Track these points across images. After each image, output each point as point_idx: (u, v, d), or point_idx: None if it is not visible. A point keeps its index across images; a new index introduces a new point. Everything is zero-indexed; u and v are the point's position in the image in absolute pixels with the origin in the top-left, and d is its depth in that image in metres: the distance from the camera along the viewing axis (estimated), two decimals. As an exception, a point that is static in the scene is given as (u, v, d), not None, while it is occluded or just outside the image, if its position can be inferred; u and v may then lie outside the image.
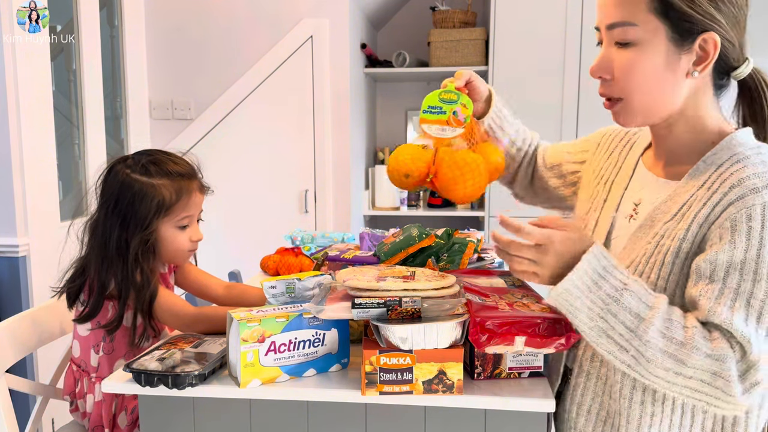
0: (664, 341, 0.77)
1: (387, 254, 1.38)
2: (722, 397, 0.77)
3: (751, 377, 0.75)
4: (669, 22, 0.83)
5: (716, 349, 0.76)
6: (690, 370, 0.77)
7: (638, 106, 0.89)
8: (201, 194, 1.28)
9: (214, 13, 2.92)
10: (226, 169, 2.94)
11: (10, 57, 2.02)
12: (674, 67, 0.85)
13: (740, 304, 0.77)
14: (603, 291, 0.79)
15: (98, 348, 1.27)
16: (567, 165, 1.17)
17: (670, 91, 0.87)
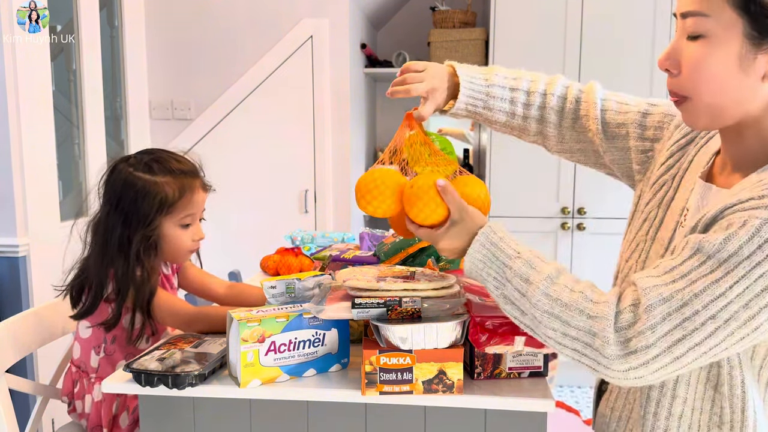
0: (549, 303, 0.78)
1: (387, 254, 1.38)
2: (599, 359, 0.76)
3: (633, 344, 0.73)
4: (748, 17, 0.73)
5: (597, 311, 0.76)
6: (573, 331, 0.77)
7: (704, 107, 0.80)
8: (203, 192, 1.28)
9: (214, 13, 2.92)
10: (226, 169, 2.94)
11: (10, 57, 2.02)
12: (749, 67, 0.75)
13: (677, 285, 0.74)
14: (499, 260, 0.83)
15: (99, 349, 1.27)
16: (635, 141, 1.01)
17: (742, 94, 0.77)
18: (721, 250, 0.72)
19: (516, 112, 1.07)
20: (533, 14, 2.95)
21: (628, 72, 2.84)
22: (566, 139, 1.08)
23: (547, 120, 1.07)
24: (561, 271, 0.82)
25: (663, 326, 0.72)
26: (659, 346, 0.72)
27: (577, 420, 2.21)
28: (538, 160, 2.95)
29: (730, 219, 0.74)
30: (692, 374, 0.82)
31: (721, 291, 0.71)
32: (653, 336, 0.72)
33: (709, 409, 0.83)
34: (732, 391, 0.80)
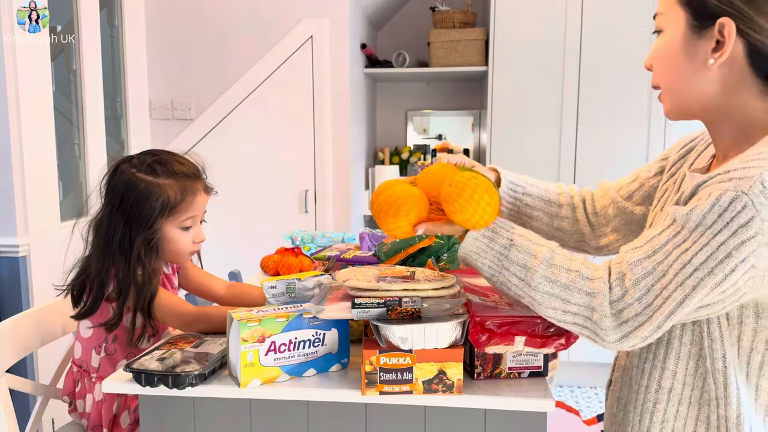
0: (549, 285, 0.84)
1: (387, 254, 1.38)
2: (597, 331, 0.82)
3: (624, 315, 0.80)
4: (689, 9, 0.84)
5: (593, 288, 0.82)
6: (574, 307, 0.83)
7: (669, 94, 0.89)
8: (205, 195, 1.28)
9: (215, 13, 2.93)
10: (227, 169, 2.94)
11: (10, 57, 2.03)
12: (692, 53, 0.84)
13: (654, 257, 0.79)
14: (495, 250, 0.88)
15: (100, 349, 1.27)
16: (649, 181, 1.08)
17: (691, 78, 0.85)
18: (689, 220, 0.77)
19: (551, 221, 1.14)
20: (533, 14, 2.95)
21: (628, 72, 2.84)
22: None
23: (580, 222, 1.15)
24: (555, 252, 0.87)
25: (647, 297, 0.79)
26: (645, 314, 0.79)
27: (576, 420, 2.21)
28: (538, 161, 2.95)
29: (700, 193, 0.79)
30: (682, 348, 0.87)
31: (688, 259, 0.76)
32: (639, 305, 0.79)
33: (700, 386, 0.86)
34: (714, 365, 0.84)
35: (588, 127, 2.91)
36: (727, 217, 0.74)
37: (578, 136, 2.94)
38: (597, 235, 1.13)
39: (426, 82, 3.59)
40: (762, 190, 0.73)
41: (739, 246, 0.74)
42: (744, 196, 0.74)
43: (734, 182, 0.75)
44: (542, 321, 0.95)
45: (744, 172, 0.75)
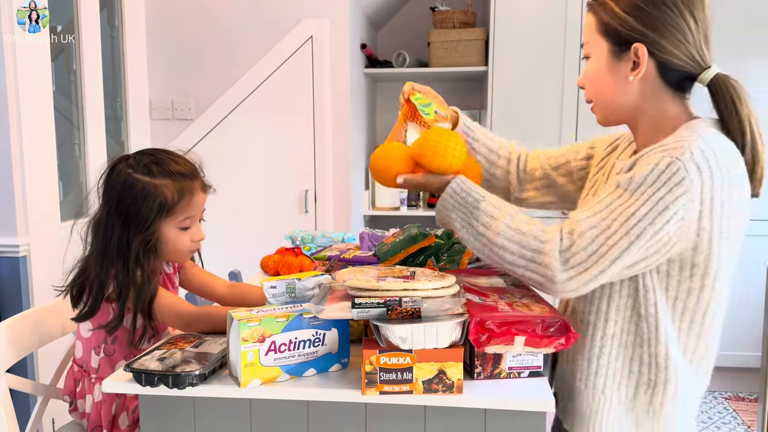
0: (510, 232, 0.99)
1: (387, 254, 1.38)
2: (546, 273, 0.96)
3: (572, 261, 0.94)
4: (608, 38, 1.05)
5: (546, 237, 0.97)
6: (529, 252, 0.97)
7: (601, 104, 1.10)
8: (203, 194, 1.28)
9: (214, 13, 2.93)
10: (227, 169, 2.94)
11: (10, 57, 2.03)
12: (615, 73, 1.05)
13: (600, 214, 0.95)
14: (468, 204, 1.03)
15: (99, 349, 1.27)
16: (574, 162, 1.29)
17: (617, 92, 1.07)
18: (632, 182, 0.95)
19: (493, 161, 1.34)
20: (533, 14, 2.95)
21: (628, 72, 2.84)
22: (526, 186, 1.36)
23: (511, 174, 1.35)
24: (518, 211, 1.04)
25: (591, 246, 0.94)
26: (589, 261, 0.94)
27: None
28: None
29: (638, 164, 0.98)
30: (620, 299, 1.03)
31: (632, 212, 0.93)
32: (584, 253, 0.94)
33: (634, 331, 1.03)
34: (647, 311, 1.01)
35: (588, 126, 2.91)
36: (665, 177, 0.92)
37: (578, 136, 2.94)
38: (521, 189, 1.34)
39: (426, 82, 3.58)
40: (690, 156, 0.92)
41: (674, 200, 0.91)
42: (678, 161, 0.92)
43: (669, 151, 0.94)
44: (542, 321, 0.95)
45: (676, 144, 0.95)
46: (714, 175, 0.93)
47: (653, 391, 1.03)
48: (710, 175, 0.92)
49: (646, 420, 1.04)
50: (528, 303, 1.04)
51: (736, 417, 2.83)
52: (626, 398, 1.05)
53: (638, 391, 1.04)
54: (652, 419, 1.04)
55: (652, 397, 1.03)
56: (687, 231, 0.93)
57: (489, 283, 1.17)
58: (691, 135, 0.96)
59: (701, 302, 1.00)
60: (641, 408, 1.04)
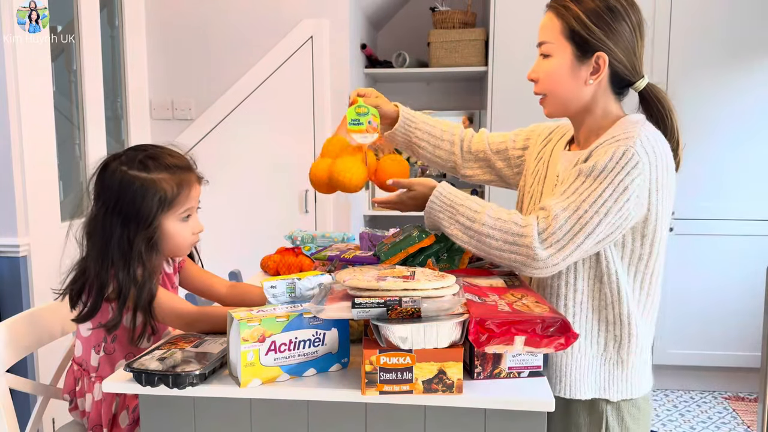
0: (493, 221, 1.12)
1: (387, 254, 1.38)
2: (528, 253, 1.09)
3: (550, 240, 1.08)
4: (574, 43, 1.18)
5: (525, 222, 1.10)
6: (511, 237, 1.10)
7: (555, 100, 1.25)
8: (199, 185, 1.28)
9: (215, 13, 2.93)
10: (227, 169, 2.94)
11: (10, 57, 2.03)
12: (576, 75, 1.20)
13: (569, 199, 1.10)
14: (454, 203, 1.17)
15: (99, 348, 1.27)
16: (512, 151, 1.47)
17: (574, 92, 1.21)
18: (594, 170, 1.10)
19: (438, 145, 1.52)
20: (533, 14, 2.94)
21: (628, 72, 2.84)
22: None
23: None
24: (497, 206, 1.16)
25: (565, 226, 1.08)
26: (565, 239, 1.09)
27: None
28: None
29: (596, 153, 1.15)
30: (585, 271, 1.17)
31: (598, 194, 1.08)
32: (561, 233, 1.08)
33: (597, 297, 1.18)
34: (609, 278, 1.16)
35: (588, 127, 2.91)
36: (622, 163, 1.08)
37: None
38: (465, 166, 1.51)
39: (426, 82, 3.59)
40: (640, 144, 1.10)
41: (632, 181, 1.08)
42: (631, 148, 1.09)
43: (622, 141, 1.11)
44: (542, 321, 0.95)
45: (627, 134, 1.12)
46: (658, 158, 1.11)
47: (619, 344, 1.19)
48: (655, 158, 1.10)
49: (615, 370, 1.19)
50: (528, 303, 1.04)
51: (736, 417, 2.83)
52: (597, 353, 1.19)
53: (607, 346, 1.19)
54: (621, 368, 1.19)
55: (619, 350, 1.19)
56: (641, 206, 1.10)
57: (489, 283, 1.17)
58: (635, 127, 1.14)
59: (649, 265, 1.17)
60: (611, 360, 1.19)
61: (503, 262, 1.13)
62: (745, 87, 2.89)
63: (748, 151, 2.91)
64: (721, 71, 2.88)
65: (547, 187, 1.30)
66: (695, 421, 2.80)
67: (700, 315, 3.03)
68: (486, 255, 1.15)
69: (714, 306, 2.99)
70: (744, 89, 2.89)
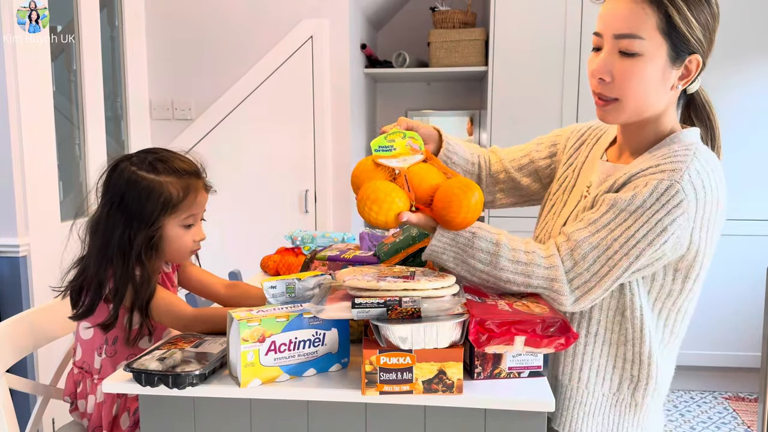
0: (513, 265, 1.01)
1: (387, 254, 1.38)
2: (556, 297, 1.01)
3: (576, 282, 1.00)
4: (670, 41, 0.98)
5: (549, 263, 1.01)
6: (535, 281, 1.01)
7: (631, 107, 1.04)
8: (206, 193, 1.28)
9: (214, 13, 2.93)
10: (227, 169, 2.94)
11: (10, 57, 2.03)
12: (666, 79, 1.01)
13: (599, 234, 0.99)
14: (460, 243, 1.02)
15: (101, 350, 1.27)
16: (539, 162, 1.31)
17: (658, 98, 1.03)
18: (630, 204, 0.98)
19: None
20: (533, 14, 2.95)
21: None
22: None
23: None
24: (508, 237, 1.04)
25: (593, 267, 0.99)
26: (592, 281, 1.00)
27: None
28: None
29: (635, 182, 1.00)
30: (604, 301, 1.06)
31: (632, 233, 0.97)
32: (587, 274, 1.00)
33: (617, 330, 1.07)
34: (633, 313, 1.05)
35: (588, 127, 2.91)
36: (664, 200, 0.96)
37: (578, 136, 2.94)
38: (488, 192, 1.34)
39: (426, 82, 3.59)
40: (689, 179, 0.96)
41: (672, 222, 0.96)
42: (677, 184, 0.96)
43: (667, 173, 0.97)
44: (542, 321, 0.95)
45: (673, 166, 0.98)
46: (707, 194, 0.98)
47: (635, 385, 1.08)
48: (704, 195, 0.97)
49: (627, 413, 1.09)
50: (528, 303, 1.04)
51: (736, 417, 2.83)
52: (610, 392, 1.09)
53: (621, 386, 1.09)
54: (634, 412, 1.09)
55: (635, 391, 1.08)
56: (680, 246, 0.99)
57: (489, 283, 1.17)
58: (686, 156, 0.99)
59: (677, 302, 1.06)
60: (624, 402, 1.09)
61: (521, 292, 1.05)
62: (744, 87, 2.89)
63: (747, 151, 2.91)
64: (721, 72, 2.88)
65: (574, 197, 1.17)
66: (695, 421, 2.80)
67: (700, 315, 3.02)
68: (502, 291, 1.05)
69: (714, 306, 2.99)
70: (744, 90, 2.89)
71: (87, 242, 1.25)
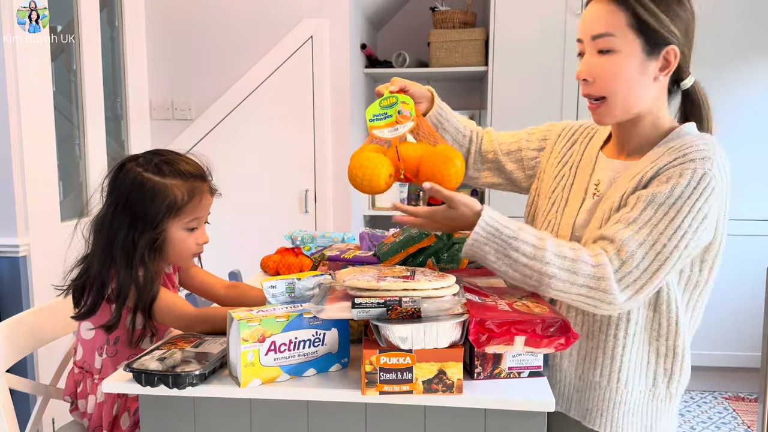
0: (559, 260, 1.00)
1: (387, 254, 1.38)
2: (604, 297, 1.00)
3: (626, 280, 0.99)
4: (642, 35, 1.04)
5: (597, 261, 1.00)
6: (581, 278, 0.99)
7: (618, 103, 1.08)
8: (210, 197, 1.28)
9: (214, 13, 2.93)
10: (227, 169, 2.92)
11: (10, 57, 2.03)
12: (645, 71, 1.06)
13: (643, 231, 0.99)
14: (503, 235, 1.02)
15: (102, 351, 1.27)
16: (526, 152, 1.35)
17: (643, 91, 1.07)
18: (670, 196, 0.99)
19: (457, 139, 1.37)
20: (533, 14, 2.95)
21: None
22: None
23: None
24: (553, 237, 1.05)
25: (642, 264, 0.99)
26: (642, 278, 1.00)
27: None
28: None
29: (667, 174, 1.02)
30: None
31: (677, 224, 0.99)
32: (638, 272, 0.99)
33: (650, 327, 1.09)
34: (668, 307, 1.07)
35: (588, 127, 2.91)
36: (701, 188, 0.99)
37: (578, 136, 2.94)
38: (475, 168, 1.39)
39: (426, 82, 3.56)
40: (717, 167, 1.00)
41: (709, 209, 0.99)
42: (710, 171, 0.99)
43: (699, 162, 1.00)
44: (542, 321, 0.95)
45: (702, 154, 1.00)
46: (727, 182, 1.03)
47: (669, 378, 1.11)
48: (726, 182, 1.03)
49: (664, 405, 1.12)
50: (528, 303, 1.04)
51: (736, 417, 2.83)
52: (646, 388, 1.11)
53: (657, 380, 1.11)
54: (669, 402, 1.13)
55: (669, 384, 1.11)
56: (711, 233, 1.03)
57: (489, 283, 1.17)
58: (709, 145, 1.03)
59: (704, 292, 1.10)
60: (660, 396, 1.12)
61: (563, 299, 1.04)
62: (744, 88, 2.89)
63: (747, 151, 2.91)
64: (721, 72, 2.88)
65: (575, 194, 1.19)
66: (695, 421, 2.80)
67: (700, 315, 3.02)
68: (541, 292, 1.04)
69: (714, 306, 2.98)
70: (744, 90, 2.89)
71: (91, 241, 1.24)
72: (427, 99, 1.31)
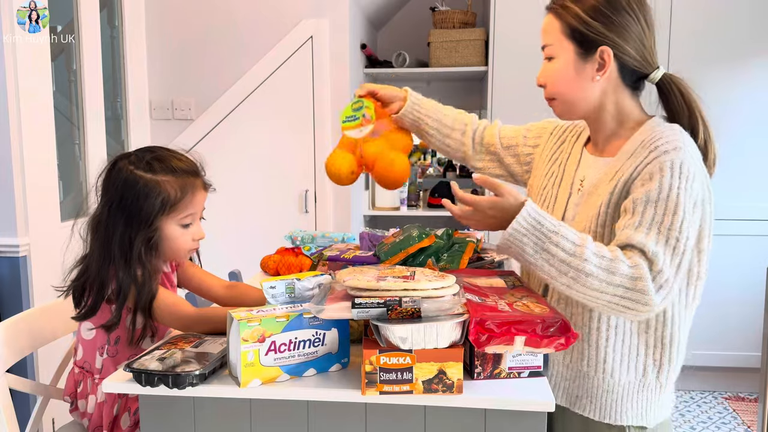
0: (598, 259, 1.01)
1: (387, 254, 1.38)
2: (640, 299, 1.00)
3: (659, 280, 1.01)
4: (575, 41, 1.15)
5: (633, 262, 1.01)
6: (618, 279, 1.00)
7: (565, 102, 1.20)
8: (204, 192, 1.28)
9: (215, 13, 2.93)
10: (227, 169, 2.94)
11: (10, 57, 2.03)
12: (582, 73, 1.16)
13: (653, 230, 1.03)
14: (544, 228, 1.03)
15: (102, 351, 1.27)
16: (522, 147, 1.42)
17: (583, 91, 1.17)
18: (661, 191, 1.04)
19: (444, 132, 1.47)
20: (533, 14, 2.94)
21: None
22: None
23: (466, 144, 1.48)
24: (590, 237, 1.06)
25: (666, 260, 1.02)
26: (673, 274, 1.02)
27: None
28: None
29: (648, 171, 1.07)
30: None
31: (681, 216, 1.03)
32: (668, 270, 1.02)
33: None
34: None
35: (588, 127, 2.91)
36: (684, 176, 1.04)
37: (578, 136, 2.94)
38: (477, 158, 1.47)
39: (426, 82, 3.59)
40: (689, 152, 1.06)
41: (697, 194, 1.05)
42: (687, 159, 1.05)
43: (672, 153, 1.05)
44: (542, 321, 0.95)
45: (673, 144, 1.06)
46: (701, 165, 1.09)
47: (659, 369, 1.13)
48: (701, 164, 1.08)
49: (653, 396, 1.15)
50: (528, 303, 1.04)
51: (736, 417, 2.83)
52: (635, 378, 1.14)
53: (646, 371, 1.14)
54: (659, 392, 1.15)
55: (659, 374, 1.14)
56: (699, 215, 1.07)
57: (489, 283, 1.17)
58: (677, 134, 1.09)
59: (697, 279, 1.13)
60: (650, 386, 1.14)
61: (593, 304, 1.04)
62: (745, 87, 2.89)
63: (747, 151, 2.91)
64: (721, 72, 2.88)
65: (563, 191, 1.25)
66: (695, 421, 2.80)
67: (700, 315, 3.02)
68: (573, 292, 1.03)
69: (714, 306, 2.99)
70: (744, 90, 2.89)
71: (89, 241, 1.24)
72: (400, 99, 1.44)
